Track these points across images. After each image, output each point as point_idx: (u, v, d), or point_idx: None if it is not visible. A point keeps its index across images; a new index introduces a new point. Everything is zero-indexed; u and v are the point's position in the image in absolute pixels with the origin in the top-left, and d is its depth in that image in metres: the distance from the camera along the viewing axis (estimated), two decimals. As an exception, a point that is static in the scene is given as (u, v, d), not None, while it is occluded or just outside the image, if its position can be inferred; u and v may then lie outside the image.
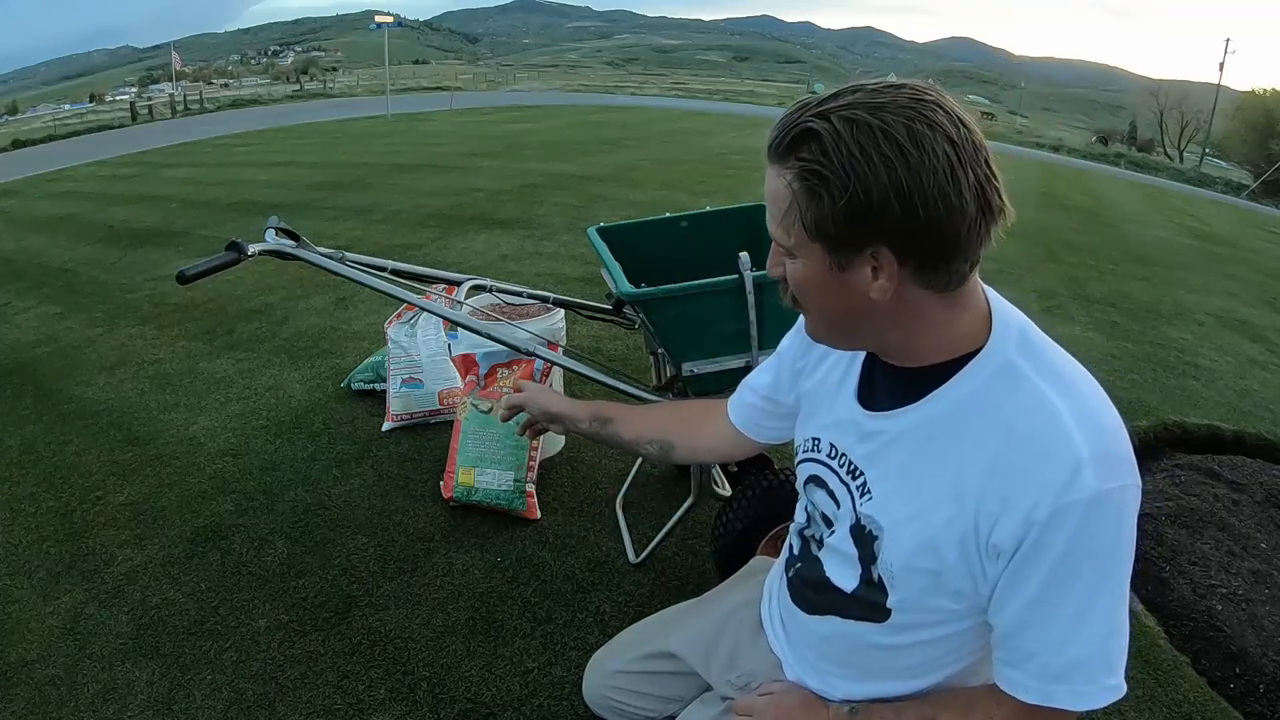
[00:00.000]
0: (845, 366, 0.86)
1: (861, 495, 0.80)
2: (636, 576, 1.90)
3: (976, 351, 0.72)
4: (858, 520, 0.80)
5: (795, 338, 0.95)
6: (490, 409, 2.12)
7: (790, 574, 0.94)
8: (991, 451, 0.69)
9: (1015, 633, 0.70)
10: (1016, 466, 0.67)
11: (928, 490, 0.73)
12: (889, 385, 0.79)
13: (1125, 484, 0.66)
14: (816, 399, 0.90)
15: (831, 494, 0.84)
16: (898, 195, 0.62)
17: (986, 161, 0.65)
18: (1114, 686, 0.69)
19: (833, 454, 0.85)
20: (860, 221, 0.65)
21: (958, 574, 0.72)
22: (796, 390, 0.95)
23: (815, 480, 0.87)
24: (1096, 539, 0.65)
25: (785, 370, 0.96)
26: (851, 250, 0.67)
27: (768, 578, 1.08)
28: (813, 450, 0.88)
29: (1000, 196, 0.65)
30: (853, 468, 0.81)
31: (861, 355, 0.84)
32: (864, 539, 0.79)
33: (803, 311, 0.78)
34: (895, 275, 0.67)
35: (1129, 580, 0.69)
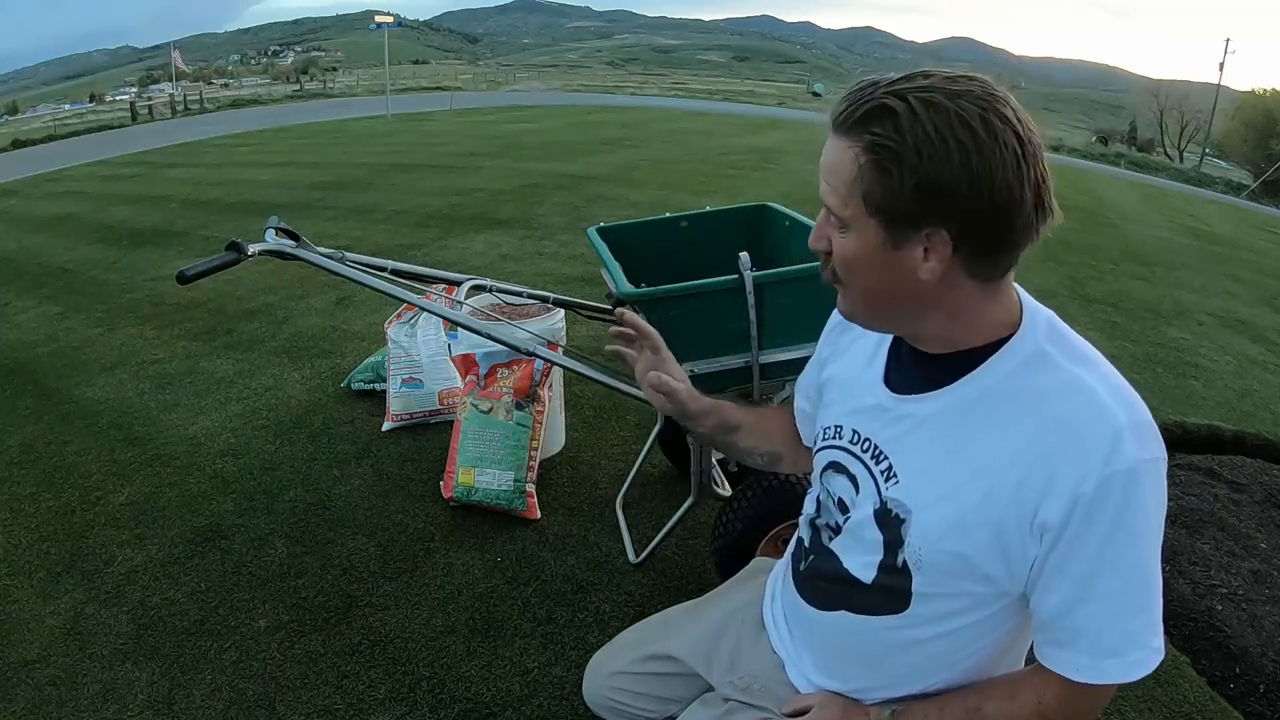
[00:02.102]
0: (872, 350, 0.87)
1: (887, 479, 0.80)
2: (636, 576, 1.90)
3: (1007, 338, 0.74)
4: (883, 504, 0.80)
5: (828, 328, 0.97)
6: (491, 409, 2.13)
7: (801, 567, 0.93)
8: (1027, 434, 0.71)
9: (1067, 611, 0.71)
10: (1057, 442, 0.69)
11: (958, 473, 0.74)
12: (918, 370, 0.80)
13: (1158, 455, 0.69)
14: (839, 385, 0.91)
15: (853, 478, 0.84)
16: (968, 180, 0.64)
17: (1044, 162, 0.68)
18: (1158, 648, 0.71)
19: (855, 440, 0.85)
20: (926, 202, 0.66)
21: (988, 556, 0.73)
22: (820, 379, 0.96)
23: (834, 466, 0.87)
24: (1139, 509, 0.68)
25: (815, 362, 0.98)
26: (910, 229, 0.68)
27: (769, 577, 1.08)
28: (834, 437, 0.88)
29: (1051, 197, 0.69)
30: (877, 452, 0.82)
31: (889, 339, 0.85)
32: (890, 523, 0.79)
33: (842, 288, 0.77)
34: (946, 259, 0.69)
35: (1161, 543, 0.71)
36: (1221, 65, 38.02)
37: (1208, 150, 37.82)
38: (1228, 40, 40.23)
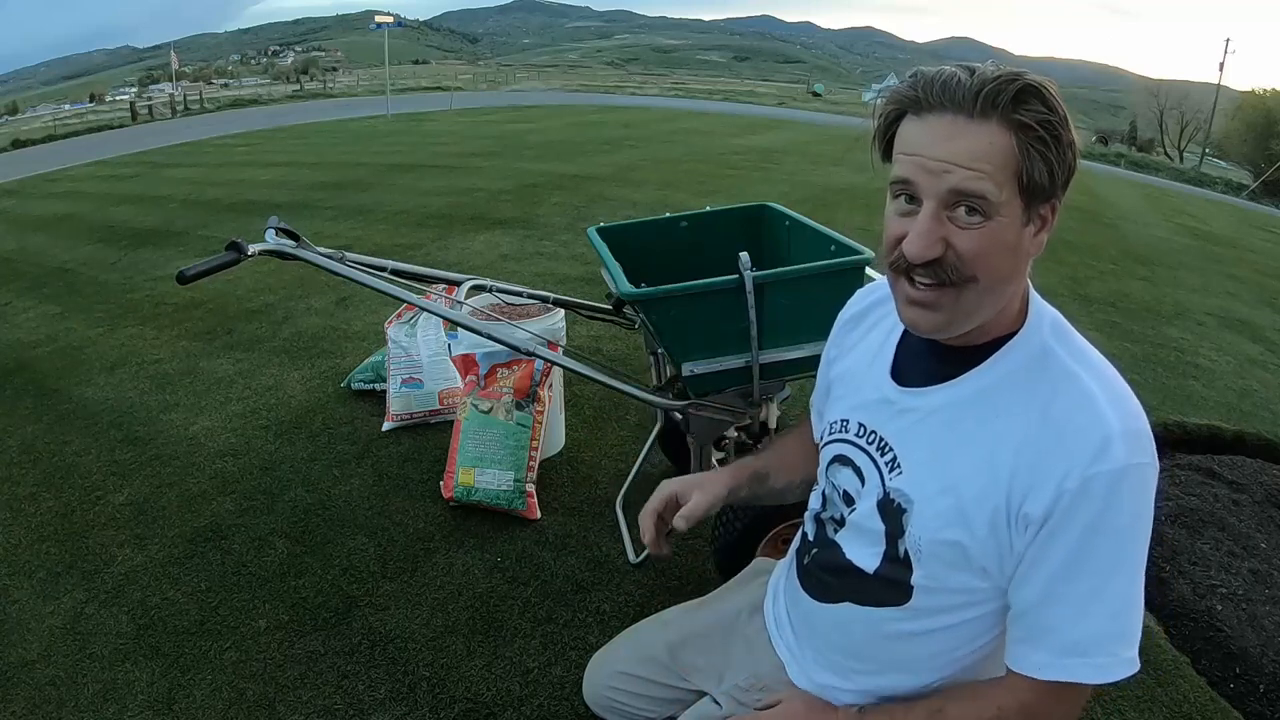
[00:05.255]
0: (878, 345, 0.88)
1: (891, 470, 0.81)
2: (636, 576, 1.90)
3: (1013, 334, 0.75)
4: (886, 495, 0.81)
5: (835, 328, 0.98)
6: (491, 409, 2.13)
7: (804, 561, 0.94)
8: (1027, 428, 0.71)
9: (1036, 607, 0.72)
10: (1051, 440, 0.70)
11: (961, 464, 0.75)
12: (926, 363, 0.80)
13: (1148, 461, 0.69)
14: (846, 381, 0.92)
15: (858, 470, 0.85)
16: (1077, 152, 0.69)
17: None
18: (1131, 660, 0.70)
19: (861, 433, 0.86)
20: (1069, 174, 0.69)
21: (986, 549, 0.74)
22: (829, 378, 0.97)
23: (840, 460, 0.88)
24: (1121, 511, 0.68)
25: (824, 363, 0.99)
26: (1043, 203, 0.70)
27: (771, 578, 1.08)
28: (840, 431, 0.89)
29: None
30: (882, 444, 0.82)
31: (898, 333, 0.85)
32: (892, 513, 0.80)
33: (957, 292, 0.70)
34: (1050, 229, 0.72)
35: (1146, 556, 0.71)
36: (1221, 65, 37.98)
37: (1208, 150, 37.78)
38: (1228, 40, 40.17)
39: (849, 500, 0.86)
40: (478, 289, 1.87)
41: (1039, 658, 0.72)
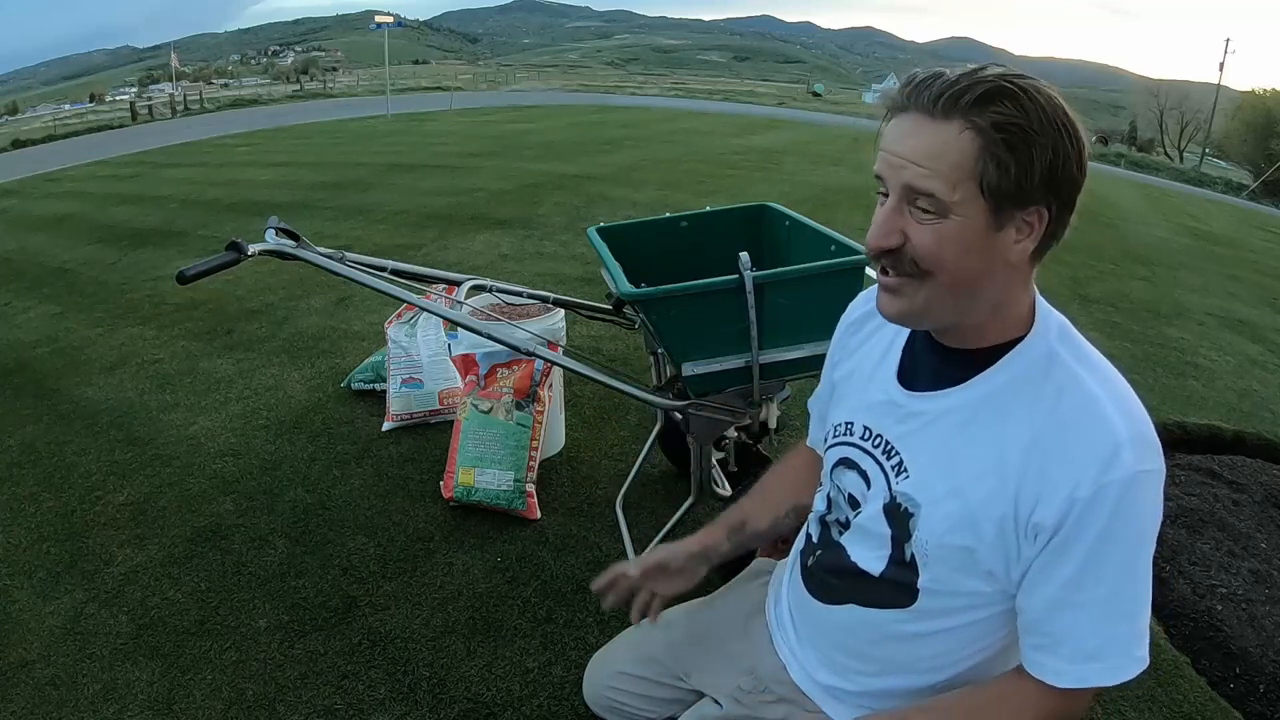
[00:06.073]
0: (885, 347, 0.87)
1: (897, 474, 0.81)
2: (636, 576, 1.90)
3: (1020, 338, 0.75)
4: (892, 498, 0.81)
5: (838, 332, 0.98)
6: (491, 409, 2.13)
7: (809, 563, 0.94)
8: (1034, 432, 0.71)
9: (1050, 615, 0.72)
10: (1059, 447, 0.70)
11: (968, 468, 0.75)
12: (932, 367, 0.80)
13: (1156, 467, 0.69)
14: (850, 383, 0.91)
15: (863, 474, 0.85)
16: (1078, 161, 0.67)
17: None
18: (1141, 658, 0.71)
19: (866, 436, 0.85)
20: (1048, 180, 0.67)
21: (993, 553, 0.74)
22: (832, 380, 0.96)
23: (845, 462, 0.88)
24: (1132, 518, 0.68)
25: (827, 366, 0.99)
26: (1016, 208, 0.68)
27: (772, 579, 1.08)
28: (845, 434, 0.89)
29: None
30: (888, 447, 0.82)
31: (904, 337, 0.85)
32: (899, 517, 0.80)
33: (915, 284, 0.72)
34: (1038, 239, 0.70)
35: (1152, 558, 0.71)
36: (1221, 65, 37.98)
37: (1208, 150, 37.77)
38: (1228, 40, 40.17)
39: (854, 503, 0.86)
40: (478, 289, 1.87)
41: (1055, 665, 0.72)
